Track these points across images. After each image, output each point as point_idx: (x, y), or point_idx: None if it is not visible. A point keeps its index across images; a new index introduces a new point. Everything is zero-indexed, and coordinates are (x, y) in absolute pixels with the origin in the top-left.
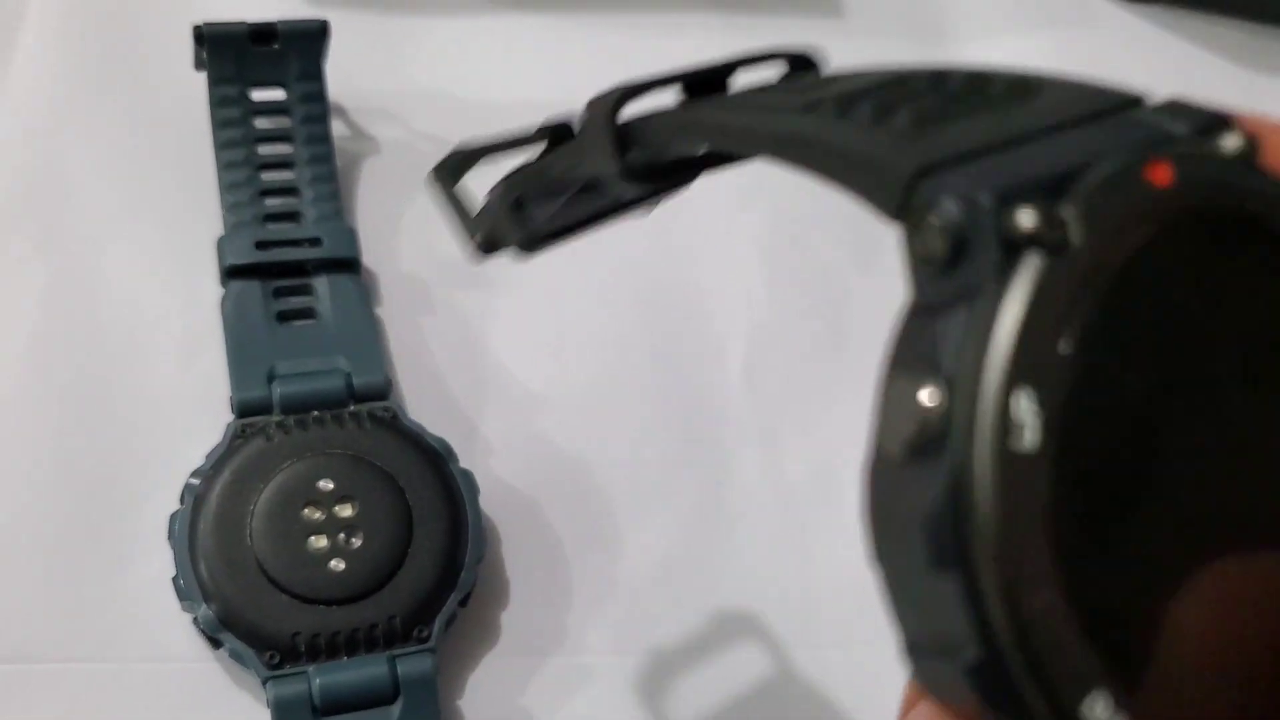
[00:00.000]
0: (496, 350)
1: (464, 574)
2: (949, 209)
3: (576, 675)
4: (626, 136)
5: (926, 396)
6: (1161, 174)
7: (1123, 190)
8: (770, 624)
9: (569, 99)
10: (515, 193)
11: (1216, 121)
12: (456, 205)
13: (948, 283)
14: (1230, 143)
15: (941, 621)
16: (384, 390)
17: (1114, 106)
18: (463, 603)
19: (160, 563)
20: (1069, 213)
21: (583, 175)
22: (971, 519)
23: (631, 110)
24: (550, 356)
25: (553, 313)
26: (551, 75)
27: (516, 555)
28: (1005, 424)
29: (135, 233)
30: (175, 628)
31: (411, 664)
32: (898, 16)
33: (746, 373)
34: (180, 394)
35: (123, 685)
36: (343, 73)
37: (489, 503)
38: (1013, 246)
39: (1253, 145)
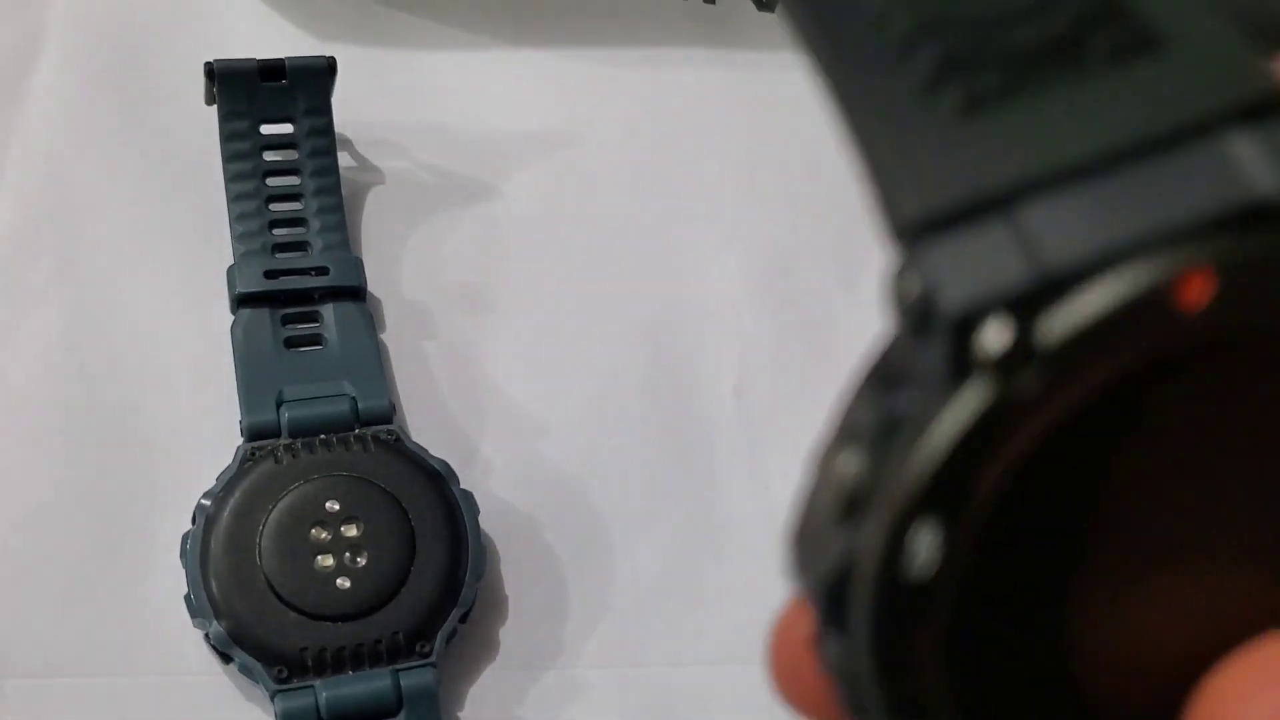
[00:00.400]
0: (496, 374)
1: (464, 591)
2: (912, 288)
3: (573, 688)
4: None
5: (853, 471)
6: (1196, 289)
7: (1132, 320)
8: (759, 639)
9: (568, 130)
10: None
11: None
12: None
13: (909, 350)
14: None
15: (830, 654)
16: (387, 414)
17: (1228, 113)
18: (463, 619)
19: (173, 581)
20: (1047, 340)
21: None
22: (850, 612)
23: None
24: (548, 380)
25: (550, 338)
26: (551, 107)
27: (515, 573)
28: (897, 550)
29: (149, 262)
30: (187, 643)
31: (414, 678)
32: None
33: (737, 396)
34: (192, 418)
35: (138, 698)
36: (349, 105)
37: (488, 522)
38: (967, 365)
39: None
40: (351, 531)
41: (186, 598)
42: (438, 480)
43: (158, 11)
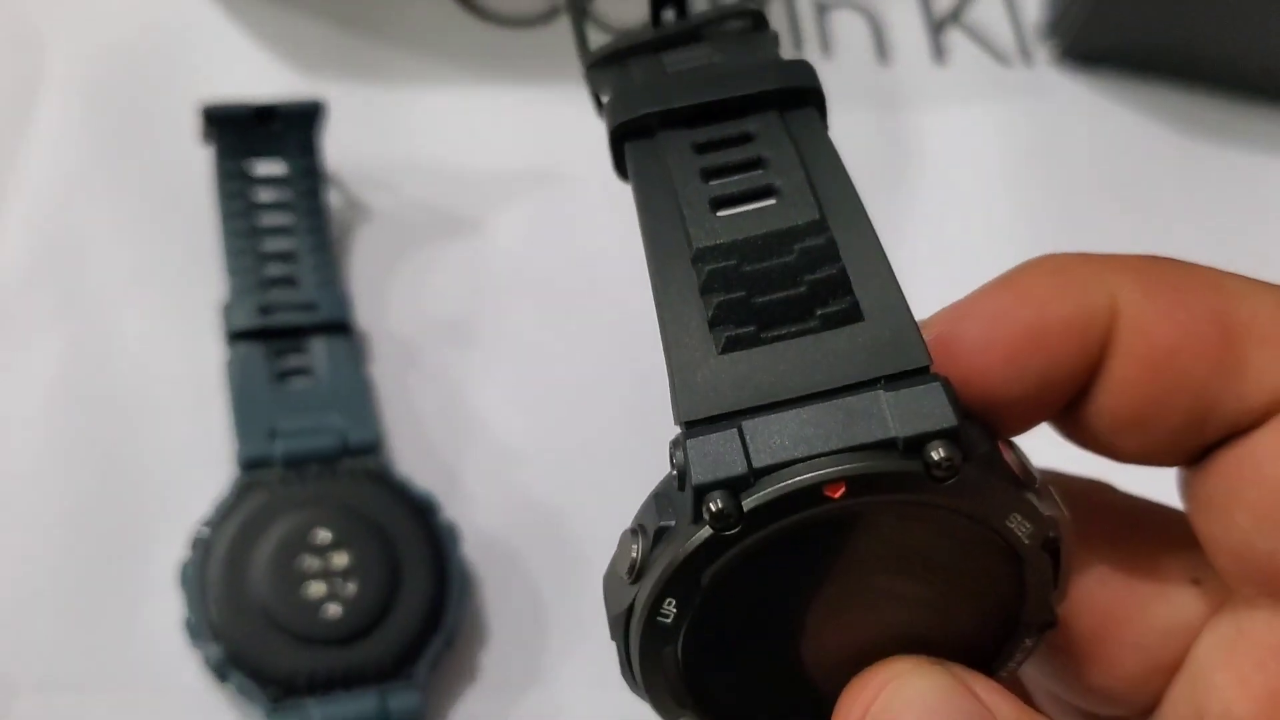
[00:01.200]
0: (479, 406)
1: (448, 617)
2: (678, 462)
3: (552, 711)
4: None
5: (637, 552)
6: (836, 490)
7: (799, 500)
8: None
9: (552, 167)
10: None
11: (941, 433)
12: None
13: (675, 494)
14: (936, 454)
15: (619, 656)
16: (375, 445)
17: (883, 376)
18: (447, 643)
19: (171, 604)
20: (748, 505)
21: None
22: (630, 633)
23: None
24: (531, 412)
25: (533, 371)
26: (536, 145)
27: (497, 599)
28: (655, 608)
29: (145, 298)
30: (185, 664)
31: (401, 700)
32: (855, 87)
33: None
34: (189, 450)
35: (137, 716)
36: (339, 144)
37: (472, 551)
38: (700, 515)
39: (950, 449)
40: (341, 560)
41: (185, 621)
42: (423, 510)
43: (154, 53)
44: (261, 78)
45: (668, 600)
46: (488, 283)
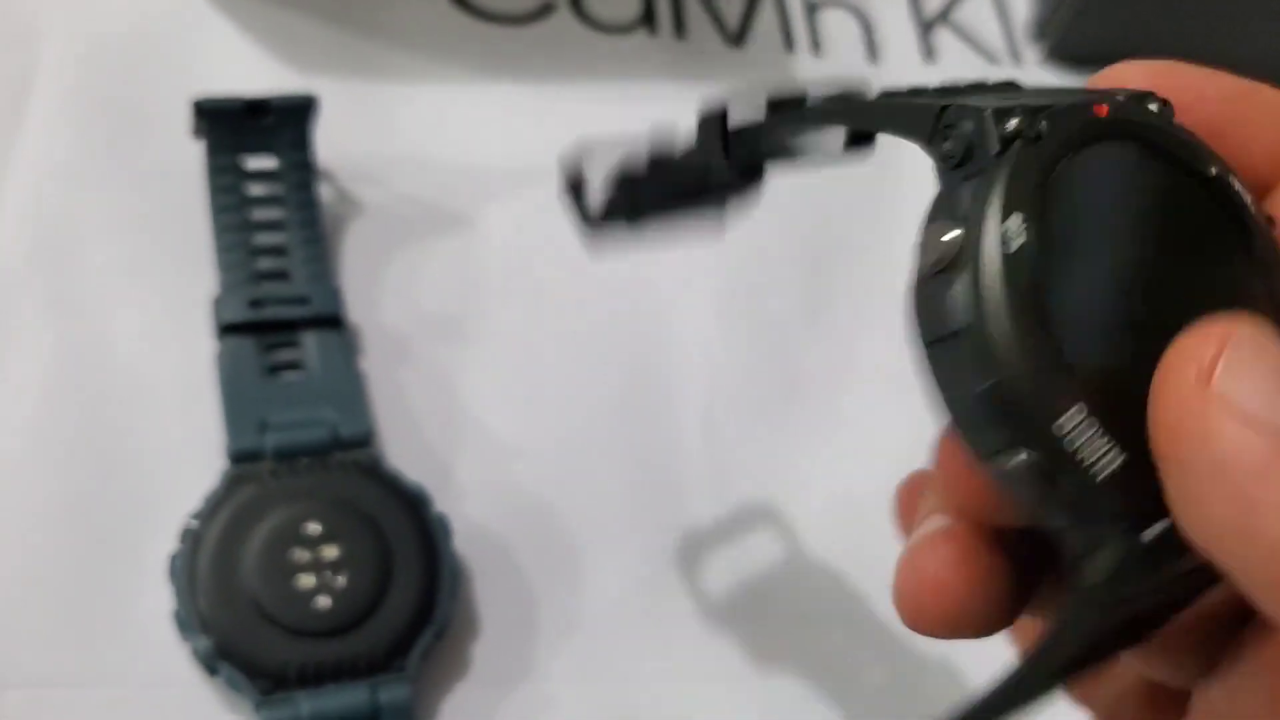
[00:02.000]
0: (471, 400)
1: (439, 610)
2: (965, 124)
3: (543, 703)
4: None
5: (946, 236)
6: (1102, 110)
7: (1077, 114)
8: (723, 657)
9: (544, 163)
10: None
11: (1145, 95)
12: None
13: (960, 173)
14: (1153, 105)
15: (959, 360)
16: (366, 439)
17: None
18: (438, 636)
19: (162, 597)
20: (1042, 121)
21: (695, 164)
22: (980, 295)
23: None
24: (521, 407)
25: (524, 367)
26: (527, 140)
27: (488, 592)
28: (1006, 235)
29: (136, 292)
30: (175, 657)
31: (391, 692)
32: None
33: (703, 423)
34: (179, 443)
35: (128, 709)
36: (331, 138)
37: (463, 544)
38: (1006, 141)
39: (1167, 107)
40: (331, 552)
41: (175, 614)
42: (414, 503)
43: (146, 48)
44: (254, 74)
45: (1015, 220)
46: (480, 278)
